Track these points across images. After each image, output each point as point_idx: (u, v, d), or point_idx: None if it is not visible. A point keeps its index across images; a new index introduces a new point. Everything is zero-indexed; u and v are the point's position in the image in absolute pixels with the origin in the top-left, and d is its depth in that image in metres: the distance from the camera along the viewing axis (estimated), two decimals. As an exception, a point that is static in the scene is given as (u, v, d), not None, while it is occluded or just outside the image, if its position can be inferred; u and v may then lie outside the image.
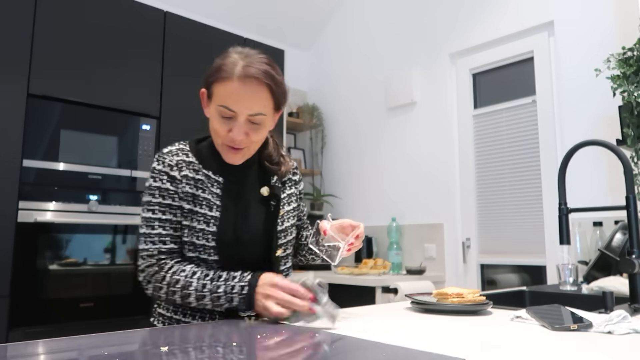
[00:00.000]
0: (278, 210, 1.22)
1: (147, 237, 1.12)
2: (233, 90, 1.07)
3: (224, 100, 1.08)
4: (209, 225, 1.12)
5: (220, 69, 1.09)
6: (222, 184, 1.17)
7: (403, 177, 3.26)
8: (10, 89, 2.25)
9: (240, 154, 1.14)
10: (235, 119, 1.09)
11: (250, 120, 1.09)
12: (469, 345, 0.79)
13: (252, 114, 1.08)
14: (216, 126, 1.11)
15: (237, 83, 1.07)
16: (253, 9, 3.59)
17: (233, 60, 1.09)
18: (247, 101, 1.07)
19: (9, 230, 2.18)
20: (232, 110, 1.08)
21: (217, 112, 1.10)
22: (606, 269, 1.84)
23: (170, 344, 0.83)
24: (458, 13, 3.03)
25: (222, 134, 1.11)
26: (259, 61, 1.10)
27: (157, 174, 1.14)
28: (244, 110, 1.08)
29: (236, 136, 1.09)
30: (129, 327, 1.05)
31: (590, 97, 2.39)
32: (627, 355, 0.73)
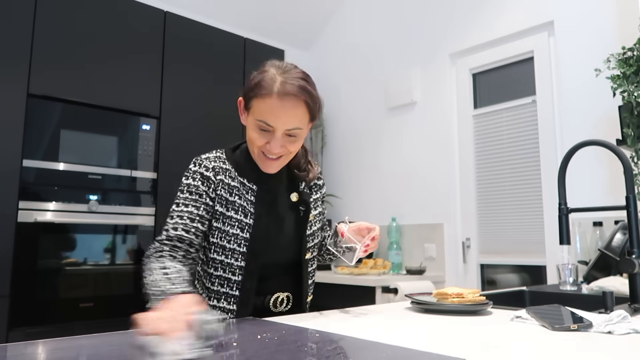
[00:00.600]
0: (307, 215, 1.27)
1: (165, 225, 1.16)
2: (272, 107, 1.10)
3: (263, 116, 1.11)
4: (243, 232, 1.17)
5: (260, 85, 1.12)
6: (256, 192, 1.21)
7: (403, 177, 3.25)
8: (10, 89, 2.25)
9: (276, 163, 1.19)
10: (273, 132, 1.13)
11: (287, 134, 1.14)
12: (469, 345, 0.79)
13: (290, 128, 1.13)
14: (254, 138, 1.15)
15: (275, 100, 1.10)
16: (253, 9, 3.59)
17: (271, 76, 1.12)
18: (285, 117, 1.12)
19: (9, 230, 2.18)
20: (270, 125, 1.12)
21: (255, 125, 1.14)
22: (606, 269, 1.84)
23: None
24: (458, 13, 3.03)
25: (259, 145, 1.15)
26: (296, 77, 1.13)
27: (190, 173, 1.19)
28: (281, 126, 1.12)
29: (273, 149, 1.14)
30: (129, 327, 1.05)
31: (590, 97, 2.39)
32: (627, 355, 0.73)
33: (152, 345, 0.75)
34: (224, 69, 3.02)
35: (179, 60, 2.82)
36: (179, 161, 2.71)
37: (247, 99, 1.16)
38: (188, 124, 2.81)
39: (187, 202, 1.17)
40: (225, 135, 2.78)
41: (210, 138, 2.84)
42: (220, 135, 2.87)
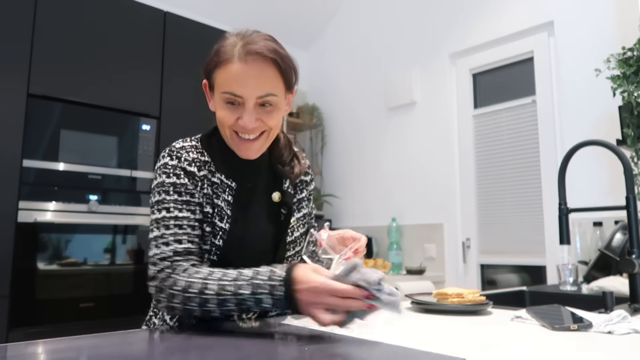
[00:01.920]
0: (289, 219, 1.10)
1: (160, 239, 0.95)
2: (236, 73, 0.95)
3: (228, 86, 0.96)
4: (216, 238, 1.00)
5: (219, 53, 0.98)
6: (235, 190, 1.04)
7: (403, 177, 3.25)
8: (10, 89, 2.25)
9: (255, 145, 1.01)
10: (243, 105, 0.97)
11: (260, 104, 0.98)
12: (469, 345, 0.79)
13: (261, 95, 0.96)
14: (223, 116, 0.99)
15: (239, 64, 0.95)
16: (253, 9, 3.59)
17: (231, 41, 0.98)
18: (253, 81, 0.95)
19: (9, 230, 2.18)
20: (237, 95, 0.96)
21: (222, 100, 0.98)
22: (606, 269, 1.84)
23: (175, 345, 0.83)
24: (458, 13, 3.03)
25: (230, 124, 0.98)
26: (260, 37, 0.99)
27: (170, 169, 1.00)
28: (251, 93, 0.96)
29: (247, 123, 0.97)
30: (129, 327, 1.05)
31: (591, 97, 2.39)
32: (627, 355, 0.73)
33: (360, 316, 0.81)
34: (224, 69, 3.01)
35: (179, 60, 2.82)
36: (179, 161, 2.71)
37: (209, 73, 1.02)
38: (188, 124, 2.80)
39: (180, 205, 0.97)
40: (225, 135, 2.77)
41: (210, 138, 2.84)
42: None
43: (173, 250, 0.94)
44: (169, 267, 0.93)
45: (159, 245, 0.95)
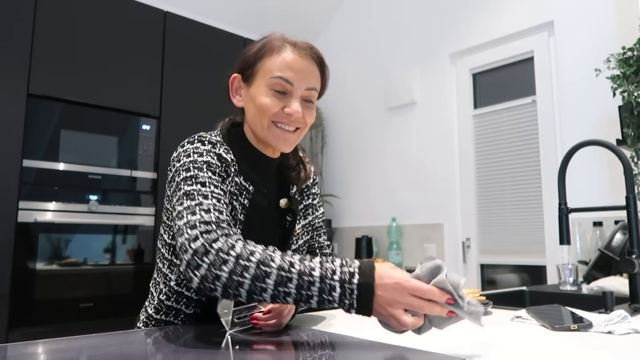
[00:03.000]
0: (294, 226, 1.08)
1: (199, 206, 0.85)
2: (290, 60, 0.96)
3: (281, 71, 0.96)
4: None
5: (267, 45, 0.99)
6: (252, 195, 1.01)
7: (403, 177, 3.25)
8: (10, 89, 2.25)
9: (293, 137, 1.00)
10: (290, 94, 0.97)
11: (304, 98, 0.99)
12: (469, 345, 0.79)
13: (309, 87, 0.98)
14: (266, 104, 0.96)
15: (292, 54, 0.97)
16: (253, 8, 3.59)
17: (278, 36, 1.01)
18: (304, 72, 0.97)
19: (9, 230, 2.18)
20: (289, 82, 0.96)
21: (269, 86, 0.97)
22: (606, 269, 1.84)
23: (175, 345, 0.83)
24: (458, 13, 3.03)
25: (276, 110, 0.97)
26: (303, 40, 1.02)
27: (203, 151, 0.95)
28: (301, 83, 0.97)
29: (295, 111, 0.96)
30: (129, 327, 1.05)
31: (591, 97, 2.39)
32: (627, 355, 0.73)
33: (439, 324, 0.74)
34: (224, 69, 3.01)
35: (179, 60, 2.82)
36: (179, 161, 2.71)
37: (250, 65, 1.01)
38: (188, 124, 2.80)
39: (215, 182, 0.91)
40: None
41: (210, 138, 2.84)
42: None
43: (217, 217, 0.83)
44: (217, 229, 0.81)
45: (197, 212, 0.83)
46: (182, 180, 0.90)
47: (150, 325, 1.05)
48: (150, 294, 1.09)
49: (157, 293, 1.05)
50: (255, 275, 0.74)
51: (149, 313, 1.05)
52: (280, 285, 0.74)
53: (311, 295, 0.74)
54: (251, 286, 0.75)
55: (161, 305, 1.02)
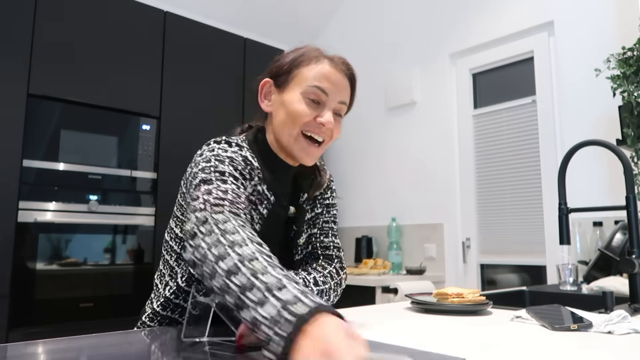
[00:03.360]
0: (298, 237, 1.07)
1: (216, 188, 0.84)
2: (328, 72, 0.98)
3: (318, 81, 0.97)
4: None
5: (307, 53, 1.01)
6: (273, 205, 1.00)
7: (403, 177, 3.26)
8: (10, 89, 2.25)
9: (317, 151, 1.00)
10: (323, 105, 0.98)
11: (335, 111, 0.99)
12: (469, 345, 0.79)
13: (341, 101, 1.00)
14: (300, 111, 0.96)
15: (331, 67, 0.99)
16: (253, 9, 3.59)
17: (315, 48, 1.03)
18: (339, 85, 0.99)
19: (9, 230, 2.18)
20: (325, 92, 0.97)
21: (304, 94, 0.97)
22: (606, 269, 1.84)
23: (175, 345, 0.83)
24: (458, 13, 3.04)
25: (306, 120, 0.96)
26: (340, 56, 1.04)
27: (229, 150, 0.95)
28: (335, 95, 0.98)
29: (327, 120, 0.96)
30: (129, 327, 1.05)
31: (590, 97, 2.39)
32: (627, 355, 0.73)
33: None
34: (224, 69, 3.02)
35: (179, 60, 2.82)
36: (179, 161, 2.71)
37: (285, 72, 1.00)
38: (188, 124, 2.81)
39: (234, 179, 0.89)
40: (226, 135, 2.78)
41: (211, 138, 2.84)
42: (220, 135, 2.87)
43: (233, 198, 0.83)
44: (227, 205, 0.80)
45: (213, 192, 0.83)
46: (201, 170, 0.90)
47: (156, 322, 1.04)
48: (155, 286, 1.08)
49: (162, 287, 1.05)
50: (220, 254, 0.69)
51: (154, 308, 1.04)
52: (231, 275, 0.66)
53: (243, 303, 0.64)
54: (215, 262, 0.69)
55: (168, 302, 1.02)
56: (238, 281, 0.65)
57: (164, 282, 1.05)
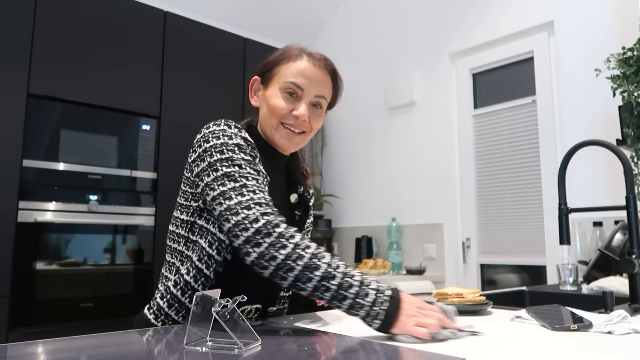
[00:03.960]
0: (304, 219, 1.18)
1: (244, 187, 0.92)
2: (304, 68, 1.07)
3: (293, 77, 1.06)
4: None
5: (286, 53, 1.09)
6: (269, 183, 1.06)
7: (403, 177, 3.26)
8: (10, 89, 2.25)
9: (297, 138, 1.09)
10: (299, 99, 1.06)
11: (312, 104, 1.08)
12: (469, 345, 0.79)
13: (318, 94, 1.08)
14: (277, 105, 1.05)
15: (307, 62, 1.07)
16: (253, 9, 3.59)
17: (298, 47, 1.11)
18: (315, 80, 1.07)
19: (9, 230, 2.18)
20: (300, 87, 1.06)
21: (281, 89, 1.06)
22: (606, 269, 1.84)
23: (175, 345, 0.83)
24: (458, 13, 3.04)
25: (284, 112, 1.05)
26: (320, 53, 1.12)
27: (230, 134, 1.01)
28: (311, 89, 1.07)
29: (302, 114, 1.05)
30: (129, 327, 1.05)
31: (590, 97, 2.39)
32: (627, 355, 0.73)
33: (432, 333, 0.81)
34: (224, 68, 3.02)
35: (179, 60, 2.82)
36: (179, 161, 2.71)
37: (269, 69, 1.10)
38: (188, 124, 2.81)
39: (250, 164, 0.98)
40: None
41: (210, 138, 2.84)
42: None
43: (266, 200, 0.92)
44: (274, 213, 0.90)
45: (246, 194, 0.91)
46: (218, 162, 0.96)
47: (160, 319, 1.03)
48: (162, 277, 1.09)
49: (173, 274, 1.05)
50: (307, 265, 0.84)
51: (159, 304, 1.04)
52: (325, 280, 0.84)
53: (346, 296, 0.84)
54: (300, 273, 0.84)
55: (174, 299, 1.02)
56: (336, 283, 0.84)
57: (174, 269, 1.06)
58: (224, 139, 0.99)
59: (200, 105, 2.87)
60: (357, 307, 0.83)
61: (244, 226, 0.87)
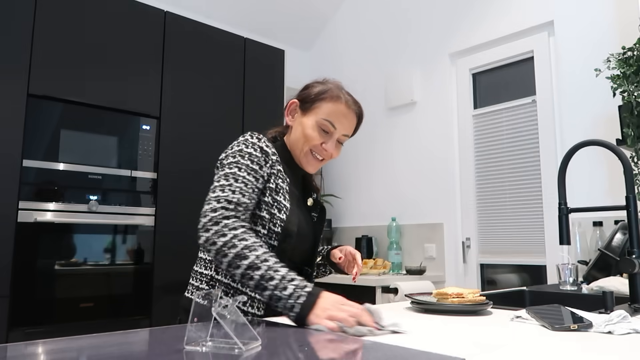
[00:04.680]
0: (322, 220, 1.36)
1: (227, 187, 1.11)
2: (341, 112, 1.26)
3: (332, 117, 1.25)
4: (280, 212, 1.18)
5: (329, 92, 1.26)
6: (289, 184, 1.25)
7: (403, 177, 3.26)
8: (10, 89, 2.25)
9: (319, 164, 1.30)
10: (331, 135, 1.26)
11: (338, 140, 1.28)
12: (469, 345, 0.79)
13: (346, 134, 1.28)
14: (312, 136, 1.25)
15: (345, 107, 1.26)
16: (253, 9, 3.59)
17: (337, 86, 1.29)
18: (347, 123, 1.27)
19: (9, 230, 2.18)
20: (334, 127, 1.25)
21: (318, 124, 1.25)
22: (606, 269, 1.84)
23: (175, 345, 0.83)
24: (458, 13, 3.04)
25: (315, 144, 1.25)
26: (352, 95, 1.31)
27: (250, 144, 1.19)
28: (341, 130, 1.27)
29: (329, 149, 1.26)
30: (129, 327, 1.05)
31: (590, 97, 2.39)
32: (627, 355, 0.73)
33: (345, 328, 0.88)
34: (224, 68, 3.02)
35: (179, 60, 2.82)
36: (179, 161, 2.71)
37: (311, 101, 1.26)
38: (188, 124, 2.81)
39: (250, 170, 1.15)
40: (226, 135, 2.78)
41: (211, 138, 2.84)
42: (220, 135, 2.87)
43: (237, 199, 1.10)
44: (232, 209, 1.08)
45: (225, 191, 1.10)
46: (227, 164, 1.16)
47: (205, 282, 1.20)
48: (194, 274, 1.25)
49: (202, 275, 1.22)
50: (237, 254, 1.00)
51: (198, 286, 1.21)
52: (250, 269, 0.99)
53: (267, 287, 0.97)
54: (231, 260, 1.01)
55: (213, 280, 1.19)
56: (259, 274, 0.98)
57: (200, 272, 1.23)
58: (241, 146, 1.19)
59: (200, 105, 2.87)
60: (275, 298, 0.96)
61: (205, 213, 1.07)
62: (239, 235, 1.02)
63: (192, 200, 2.37)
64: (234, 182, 1.11)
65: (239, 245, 1.01)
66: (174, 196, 2.66)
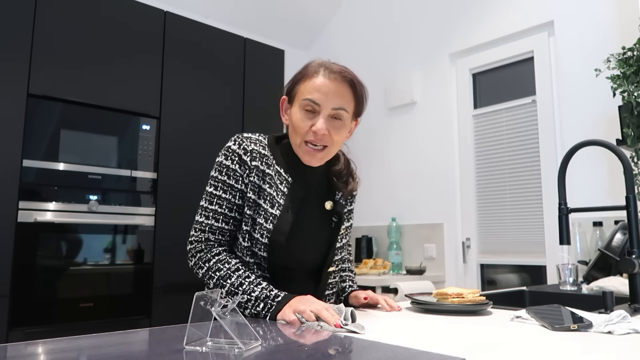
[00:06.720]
0: (339, 226, 1.24)
1: (204, 210, 1.17)
2: (319, 84, 1.12)
3: (310, 94, 1.12)
4: (267, 222, 1.13)
5: (305, 71, 1.16)
6: (290, 184, 1.17)
7: (403, 177, 3.26)
8: (10, 89, 2.25)
9: (319, 154, 1.16)
10: (318, 114, 1.12)
11: (332, 116, 1.13)
12: (469, 345, 0.79)
13: (336, 107, 1.12)
14: (299, 121, 1.13)
15: (321, 78, 1.13)
16: (253, 9, 3.59)
17: (317, 63, 1.16)
18: (331, 94, 1.12)
19: (9, 230, 2.18)
20: (316, 103, 1.12)
21: (300, 107, 1.13)
22: (606, 269, 1.84)
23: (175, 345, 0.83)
24: (458, 13, 3.04)
25: (304, 130, 1.13)
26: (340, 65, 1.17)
27: (230, 153, 1.16)
28: (327, 104, 1.12)
29: (319, 129, 1.11)
30: (129, 327, 1.05)
31: (590, 97, 2.39)
32: (627, 355, 0.73)
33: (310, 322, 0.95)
34: (224, 69, 3.02)
35: (179, 60, 2.82)
36: (179, 161, 2.71)
37: (292, 88, 1.18)
38: (188, 124, 2.81)
39: (226, 187, 1.15)
40: (226, 135, 2.77)
41: (211, 138, 2.84)
42: (220, 135, 2.86)
43: (210, 225, 1.15)
44: (204, 242, 1.15)
45: (202, 216, 1.17)
46: (210, 178, 1.18)
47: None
48: None
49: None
50: (215, 285, 1.11)
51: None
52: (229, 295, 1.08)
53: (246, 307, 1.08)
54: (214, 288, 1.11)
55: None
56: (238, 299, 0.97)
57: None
58: (222, 158, 1.17)
59: (200, 105, 2.87)
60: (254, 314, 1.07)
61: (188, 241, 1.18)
62: (212, 267, 1.12)
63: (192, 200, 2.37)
64: (209, 206, 1.16)
65: (214, 277, 1.11)
66: (174, 196, 2.66)
